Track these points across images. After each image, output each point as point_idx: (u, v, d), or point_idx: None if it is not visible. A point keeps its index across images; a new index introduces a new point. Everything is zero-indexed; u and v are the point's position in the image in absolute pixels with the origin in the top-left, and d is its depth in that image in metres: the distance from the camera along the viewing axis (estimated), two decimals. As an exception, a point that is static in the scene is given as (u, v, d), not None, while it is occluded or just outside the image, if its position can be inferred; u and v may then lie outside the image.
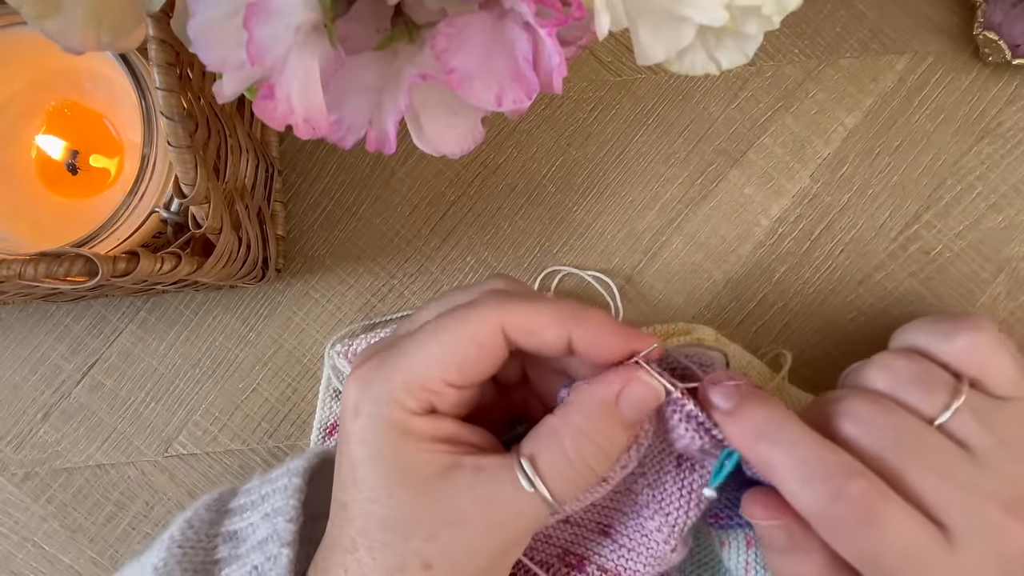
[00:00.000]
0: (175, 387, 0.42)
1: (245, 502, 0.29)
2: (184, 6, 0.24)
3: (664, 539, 0.28)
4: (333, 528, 0.26)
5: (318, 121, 0.22)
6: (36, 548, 0.41)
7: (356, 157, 0.42)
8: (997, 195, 0.41)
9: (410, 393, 0.25)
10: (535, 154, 0.42)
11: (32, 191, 0.37)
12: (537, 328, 0.25)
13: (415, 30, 0.23)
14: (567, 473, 0.25)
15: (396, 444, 0.25)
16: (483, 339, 0.25)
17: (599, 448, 0.25)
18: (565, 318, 0.25)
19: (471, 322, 0.25)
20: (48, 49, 0.23)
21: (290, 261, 0.42)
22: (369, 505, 0.25)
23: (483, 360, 0.25)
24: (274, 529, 0.27)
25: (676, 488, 0.28)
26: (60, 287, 0.32)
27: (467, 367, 0.25)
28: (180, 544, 0.28)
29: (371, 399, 0.25)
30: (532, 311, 0.25)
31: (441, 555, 0.24)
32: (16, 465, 0.41)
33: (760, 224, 0.41)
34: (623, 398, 0.25)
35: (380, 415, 0.25)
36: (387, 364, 0.26)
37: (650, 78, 0.42)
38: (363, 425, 0.25)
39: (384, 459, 0.25)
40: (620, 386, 0.26)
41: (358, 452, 0.25)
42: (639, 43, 0.23)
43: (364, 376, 0.26)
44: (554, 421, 0.26)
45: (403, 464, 0.25)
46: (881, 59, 0.42)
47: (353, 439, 0.25)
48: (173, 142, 0.27)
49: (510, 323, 0.25)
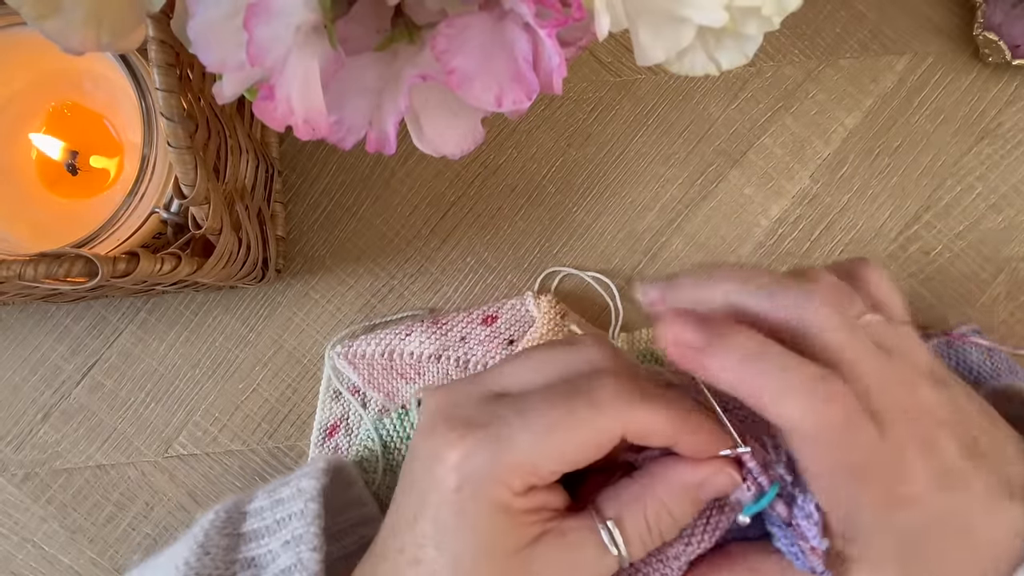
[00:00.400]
0: (175, 387, 0.42)
1: (260, 527, 0.29)
2: (184, 7, 0.24)
3: (680, 566, 0.29)
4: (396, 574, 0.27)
5: (318, 122, 0.22)
6: (36, 549, 0.41)
7: (356, 158, 0.42)
8: (997, 195, 0.41)
9: (519, 477, 0.26)
10: (535, 154, 0.42)
11: (32, 192, 0.37)
12: (653, 432, 0.26)
13: (415, 31, 0.23)
14: (645, 539, 0.27)
15: (494, 522, 0.25)
16: (601, 440, 0.26)
17: (674, 521, 0.27)
18: (679, 425, 0.26)
19: (591, 425, 0.26)
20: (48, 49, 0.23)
21: (290, 262, 0.42)
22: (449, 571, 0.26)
23: (595, 455, 0.26)
24: (299, 559, 0.28)
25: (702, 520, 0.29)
26: (60, 288, 0.32)
27: (579, 461, 0.26)
28: (197, 572, 0.28)
29: (479, 477, 0.25)
30: (651, 418, 0.26)
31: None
32: (16, 465, 0.41)
33: (760, 224, 0.41)
34: (706, 484, 0.27)
35: (485, 493, 0.25)
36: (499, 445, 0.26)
37: (650, 78, 0.42)
38: (465, 499, 0.26)
39: (478, 534, 0.25)
40: (706, 475, 0.27)
41: (450, 520, 0.26)
42: (639, 44, 0.23)
43: (473, 452, 0.26)
44: (637, 489, 0.27)
45: (496, 539, 0.25)
46: (881, 59, 0.42)
47: (448, 507, 0.26)
48: (173, 143, 0.27)
49: (631, 428, 0.26)
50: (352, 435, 0.40)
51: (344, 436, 0.40)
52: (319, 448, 0.40)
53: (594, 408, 0.26)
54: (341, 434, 0.40)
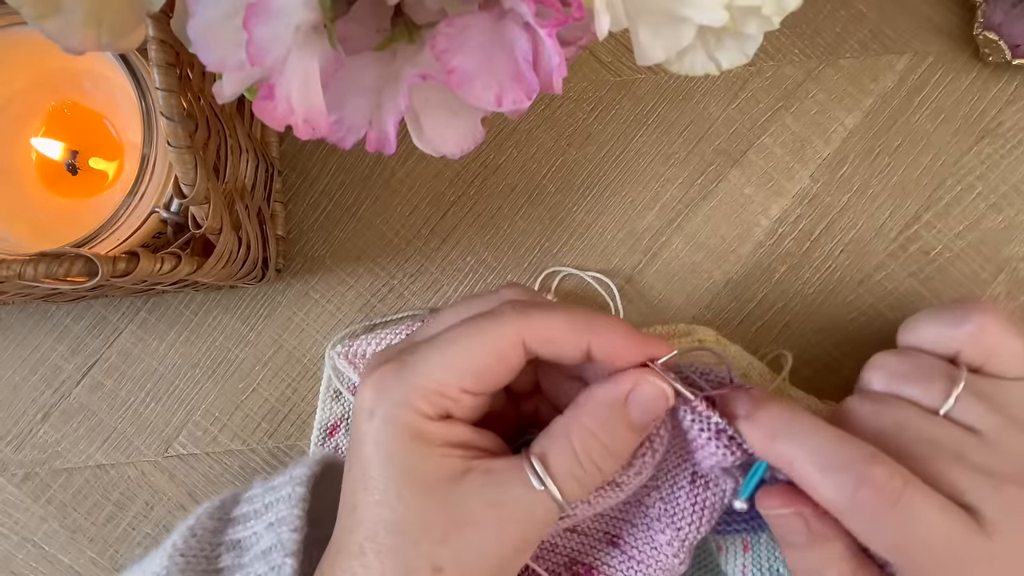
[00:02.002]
0: (175, 387, 0.42)
1: (248, 511, 0.29)
2: (184, 6, 0.24)
3: (674, 552, 0.29)
4: (341, 532, 0.26)
5: (318, 121, 0.22)
6: (36, 548, 0.41)
7: (356, 157, 0.42)
8: (997, 195, 0.41)
9: (426, 398, 0.25)
10: (535, 154, 0.42)
11: (32, 191, 0.37)
12: (556, 338, 0.26)
13: (415, 30, 0.23)
14: (575, 472, 0.25)
15: (409, 448, 0.25)
16: (503, 349, 0.25)
17: (606, 448, 0.25)
18: (582, 327, 0.26)
19: (491, 332, 0.25)
20: (48, 49, 0.23)
21: (290, 261, 0.42)
22: (378, 508, 0.25)
23: (501, 369, 0.26)
24: (278, 539, 0.27)
25: (689, 503, 0.28)
26: (60, 287, 0.32)
27: (485, 376, 0.25)
28: (183, 552, 0.28)
29: (387, 402, 0.25)
30: (550, 321, 0.26)
31: (452, 558, 0.24)
32: (16, 465, 0.41)
33: (760, 224, 0.41)
34: (631, 399, 0.26)
35: (395, 418, 0.25)
36: (405, 368, 0.26)
37: (650, 78, 0.42)
38: (377, 427, 0.25)
39: (396, 462, 0.25)
40: (629, 388, 0.26)
41: (371, 454, 0.25)
42: (639, 43, 0.23)
43: (381, 379, 0.26)
44: (563, 421, 0.26)
45: (415, 468, 0.25)
46: (881, 59, 0.42)
47: (367, 441, 0.25)
48: (173, 142, 0.27)
49: (530, 334, 0.26)
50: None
51: (344, 436, 0.40)
52: (319, 448, 0.40)
53: (493, 319, 0.26)
54: (341, 434, 0.40)
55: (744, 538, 0.32)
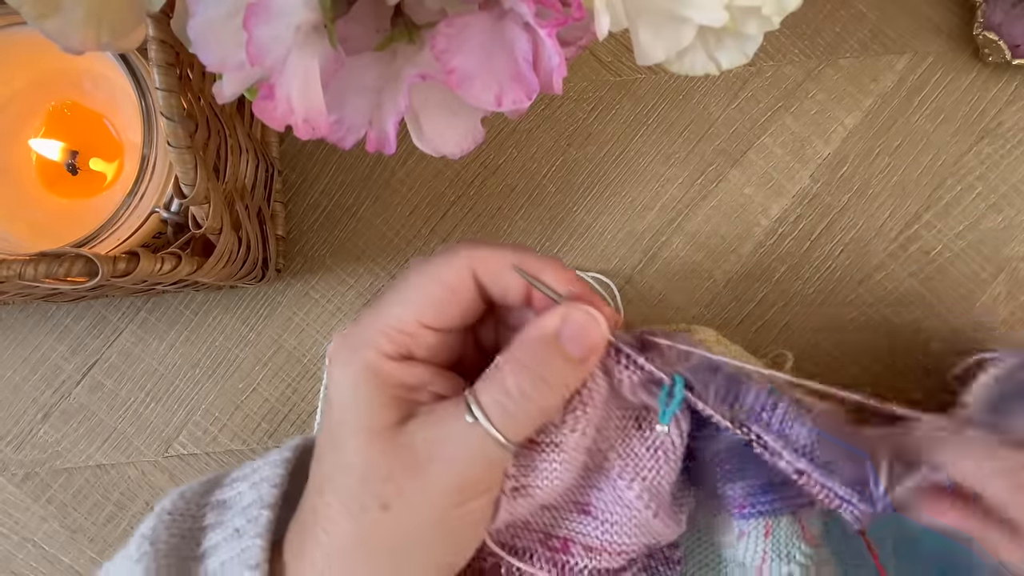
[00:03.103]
0: (175, 387, 0.42)
1: (237, 475, 0.30)
2: (184, 6, 0.24)
3: (645, 504, 0.28)
4: (311, 477, 0.28)
5: (318, 121, 0.22)
6: (36, 548, 0.41)
7: (356, 157, 0.42)
8: (997, 195, 0.41)
9: (386, 336, 0.26)
10: (535, 154, 0.42)
11: (32, 191, 0.37)
12: (502, 269, 0.27)
13: (415, 30, 0.23)
14: (507, 405, 0.25)
15: (364, 391, 0.26)
16: (453, 280, 0.26)
17: (540, 379, 0.25)
18: (526, 260, 0.27)
19: (442, 265, 0.27)
20: (48, 49, 0.23)
21: (290, 261, 0.42)
22: (332, 452, 0.26)
23: (455, 301, 0.27)
24: (259, 494, 0.28)
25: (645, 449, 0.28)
26: (60, 287, 0.32)
27: (440, 308, 0.26)
28: (170, 512, 0.29)
29: (348, 346, 0.27)
30: (497, 253, 0.27)
31: (396, 495, 0.25)
32: (16, 465, 0.41)
33: (760, 224, 0.41)
34: (563, 330, 0.26)
35: (355, 359, 0.26)
36: (365, 316, 0.27)
37: (650, 78, 0.42)
38: (338, 373, 0.26)
39: (350, 406, 0.26)
40: (561, 319, 0.26)
41: (335, 397, 0.26)
42: (639, 43, 0.23)
43: (345, 331, 0.27)
44: (498, 358, 0.26)
45: (367, 411, 0.26)
46: (881, 59, 0.42)
47: (333, 386, 0.27)
48: (173, 142, 0.27)
49: (478, 265, 0.26)
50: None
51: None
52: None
53: (445, 255, 0.27)
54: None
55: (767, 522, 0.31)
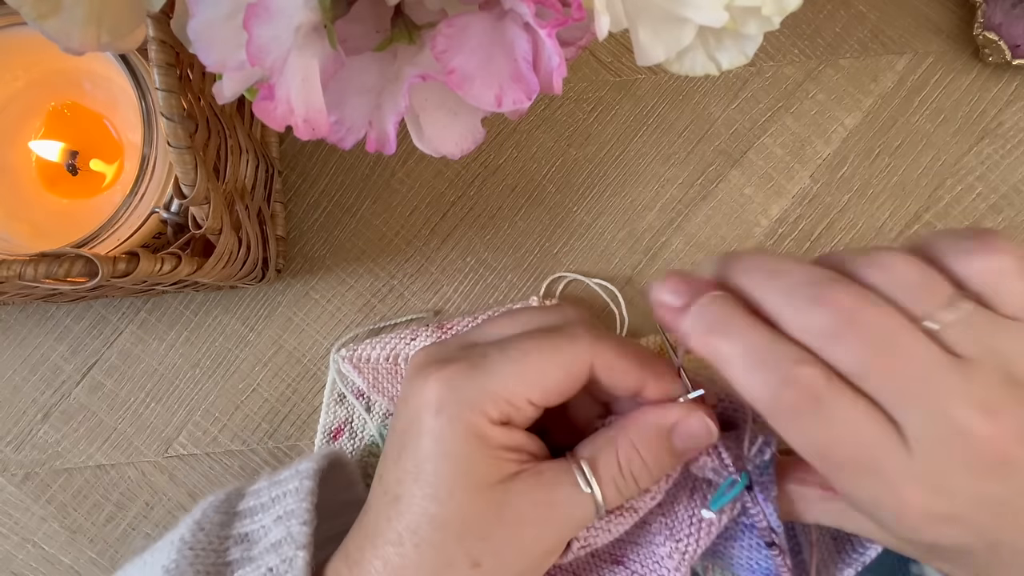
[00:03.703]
0: (175, 387, 0.42)
1: (255, 504, 0.30)
2: (184, 6, 0.24)
3: (675, 566, 0.30)
4: (377, 519, 0.27)
5: (318, 121, 0.22)
6: (36, 548, 0.41)
7: (356, 157, 0.42)
8: (997, 195, 0.41)
9: (495, 404, 0.26)
10: (535, 154, 0.42)
11: (32, 192, 0.37)
12: (622, 370, 0.27)
13: (415, 31, 0.23)
14: (618, 481, 0.27)
15: (470, 448, 0.26)
16: (574, 370, 0.27)
17: (646, 466, 0.27)
18: (646, 367, 0.28)
19: (567, 352, 0.27)
20: (48, 49, 0.23)
21: (290, 261, 0.42)
22: (425, 502, 0.26)
23: (568, 387, 0.27)
24: (288, 532, 0.28)
25: (687, 515, 0.30)
26: (60, 287, 0.32)
27: (552, 391, 0.27)
28: (191, 546, 0.28)
29: (456, 401, 0.26)
30: (621, 354, 0.27)
31: (492, 553, 0.26)
32: (16, 465, 0.41)
33: (760, 224, 0.41)
34: (678, 428, 0.27)
35: (463, 418, 0.26)
36: (478, 372, 0.27)
37: (650, 78, 0.42)
38: (443, 424, 0.26)
39: (454, 460, 0.26)
40: (678, 417, 0.27)
41: (429, 447, 0.26)
42: (639, 44, 0.23)
43: (452, 377, 0.27)
44: (611, 433, 0.28)
45: (472, 468, 0.26)
46: (881, 59, 0.41)
47: (427, 434, 0.26)
48: (173, 143, 0.27)
49: (600, 360, 0.27)
50: (356, 439, 0.40)
51: (348, 440, 0.40)
52: (320, 449, 0.41)
53: (568, 338, 0.27)
54: (345, 438, 0.40)
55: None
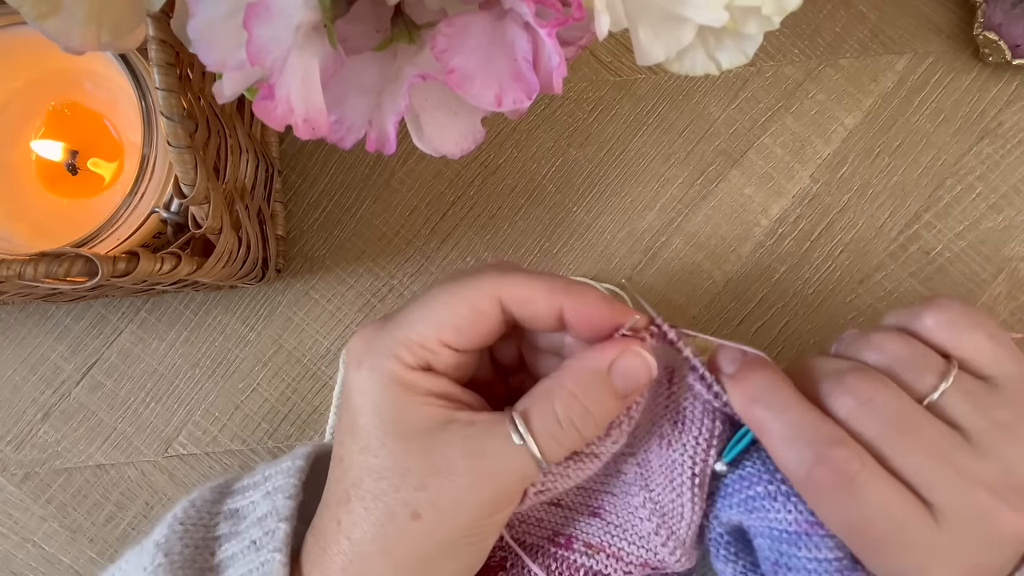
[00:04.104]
0: (175, 387, 0.42)
1: (248, 483, 0.30)
2: (184, 6, 0.24)
3: (647, 516, 0.29)
4: (330, 484, 0.27)
5: (318, 121, 0.22)
6: (36, 548, 0.41)
7: (356, 157, 0.42)
8: (997, 195, 0.41)
9: (408, 349, 0.26)
10: (535, 154, 0.42)
11: (32, 191, 0.37)
12: (531, 298, 0.27)
13: (415, 30, 0.23)
14: (555, 432, 0.26)
15: (393, 396, 0.26)
16: (480, 304, 0.26)
17: (587, 412, 0.26)
18: (557, 289, 0.27)
19: (469, 288, 0.27)
20: (48, 49, 0.23)
21: (290, 261, 0.42)
22: (362, 456, 0.26)
23: (479, 325, 0.27)
24: (273, 506, 0.28)
25: (659, 464, 0.29)
26: (60, 287, 0.32)
27: (463, 330, 0.26)
28: (182, 521, 0.28)
29: (372, 352, 0.27)
30: (527, 281, 0.27)
31: (429, 504, 0.25)
32: (16, 465, 0.41)
33: (760, 224, 0.41)
34: (615, 368, 0.26)
35: (380, 367, 0.26)
36: (389, 323, 0.27)
37: (650, 78, 0.42)
38: (364, 377, 0.26)
39: (380, 410, 0.26)
40: (613, 356, 0.27)
41: (358, 403, 0.26)
42: (639, 43, 0.23)
43: (367, 333, 0.27)
44: (547, 383, 0.27)
45: (398, 416, 0.26)
46: (881, 59, 0.42)
47: (355, 391, 0.27)
48: (173, 142, 0.27)
49: (506, 292, 0.26)
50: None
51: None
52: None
53: (472, 277, 0.27)
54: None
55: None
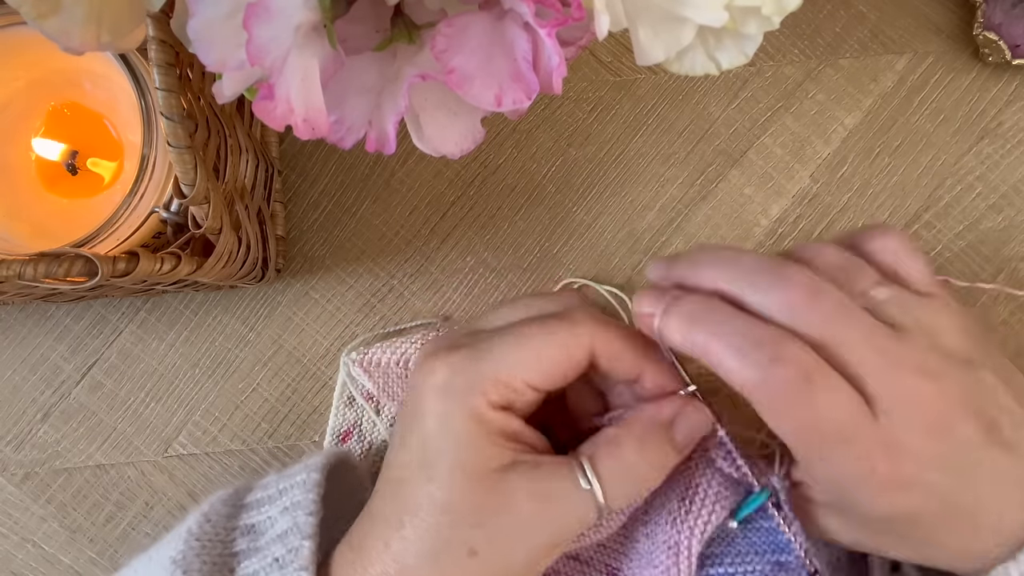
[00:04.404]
0: (175, 387, 0.42)
1: (262, 496, 0.30)
2: (184, 6, 0.24)
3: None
4: (381, 502, 0.27)
5: (318, 121, 0.22)
6: (36, 548, 0.41)
7: (356, 157, 0.42)
8: (997, 195, 0.41)
9: (495, 387, 0.26)
10: (535, 154, 0.42)
11: (32, 191, 0.37)
12: (622, 355, 0.27)
13: (415, 30, 0.23)
14: (621, 478, 0.27)
15: (472, 433, 0.26)
16: (573, 352, 0.27)
17: (650, 462, 0.27)
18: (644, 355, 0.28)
19: (566, 334, 0.27)
20: (48, 49, 0.23)
21: (290, 261, 0.42)
22: (428, 486, 0.26)
23: (567, 370, 0.27)
24: (294, 522, 0.28)
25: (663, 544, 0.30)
26: (60, 287, 0.32)
27: (552, 374, 0.27)
28: (198, 537, 0.28)
29: (461, 383, 0.26)
30: (621, 339, 0.27)
31: (487, 542, 0.25)
32: (16, 465, 0.41)
33: (760, 224, 0.41)
34: (678, 421, 0.28)
35: (466, 400, 0.26)
36: (479, 354, 0.27)
37: (650, 78, 0.42)
38: (448, 406, 0.26)
39: (456, 443, 0.26)
40: (675, 412, 0.28)
41: (433, 429, 0.26)
42: (639, 43, 0.23)
43: (457, 362, 0.27)
44: (613, 431, 0.28)
45: (473, 454, 0.26)
46: (881, 59, 0.42)
47: (431, 415, 0.26)
48: (173, 142, 0.27)
49: (600, 344, 0.27)
50: (365, 441, 0.40)
51: (357, 443, 0.40)
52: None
53: (567, 322, 0.27)
54: (354, 440, 0.40)
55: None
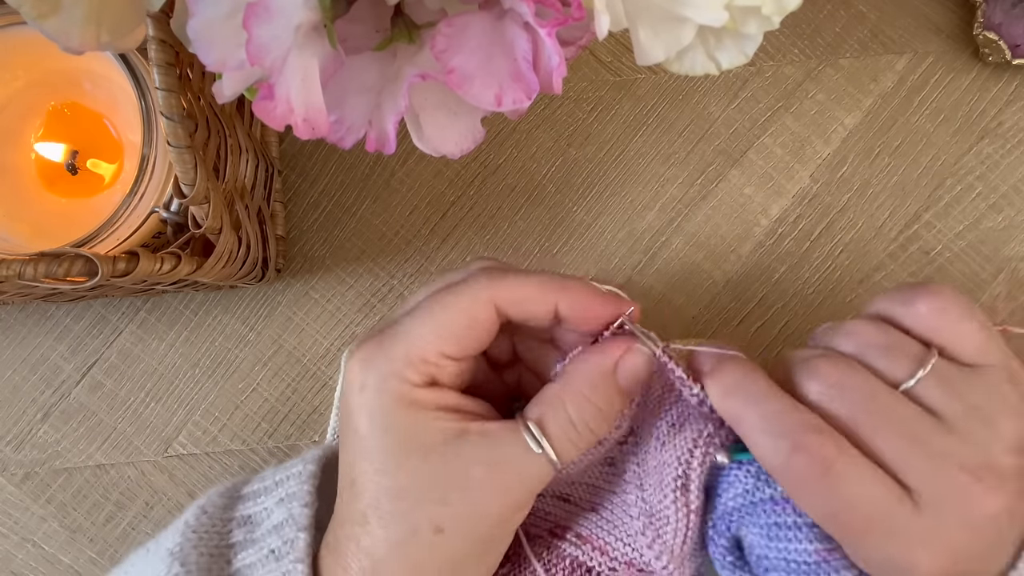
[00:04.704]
0: (175, 387, 0.42)
1: (258, 488, 0.30)
2: (184, 6, 0.24)
3: (636, 514, 0.30)
4: (342, 505, 0.27)
5: (318, 121, 0.22)
6: (36, 548, 0.41)
7: (356, 157, 0.42)
8: (997, 195, 0.41)
9: (411, 366, 0.26)
10: (535, 154, 0.42)
11: (32, 191, 0.37)
12: (525, 298, 0.27)
13: (415, 30, 0.23)
14: (571, 435, 0.26)
15: (403, 415, 0.26)
16: (476, 312, 0.27)
17: (599, 412, 0.27)
18: (550, 287, 0.27)
19: (464, 297, 0.27)
20: (48, 49, 0.23)
21: (290, 261, 0.42)
22: (378, 477, 0.26)
23: (477, 332, 0.27)
24: (290, 514, 0.28)
25: (653, 464, 0.29)
26: (60, 287, 0.32)
27: (462, 339, 0.27)
28: (195, 529, 0.28)
29: (375, 374, 0.26)
30: (520, 283, 0.27)
31: (452, 518, 0.25)
32: (16, 465, 0.41)
33: (760, 224, 0.41)
34: (620, 367, 0.27)
35: (385, 388, 0.26)
36: (387, 341, 0.27)
37: (650, 78, 0.42)
38: (369, 399, 0.26)
39: (392, 431, 0.26)
40: (617, 355, 0.27)
41: (365, 425, 0.26)
42: (639, 43, 0.23)
43: (366, 354, 0.27)
44: (557, 388, 0.27)
45: (411, 434, 0.26)
46: (881, 59, 0.42)
47: (360, 413, 0.26)
48: (173, 142, 0.27)
49: (500, 296, 0.27)
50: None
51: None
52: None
53: (464, 285, 0.27)
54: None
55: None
